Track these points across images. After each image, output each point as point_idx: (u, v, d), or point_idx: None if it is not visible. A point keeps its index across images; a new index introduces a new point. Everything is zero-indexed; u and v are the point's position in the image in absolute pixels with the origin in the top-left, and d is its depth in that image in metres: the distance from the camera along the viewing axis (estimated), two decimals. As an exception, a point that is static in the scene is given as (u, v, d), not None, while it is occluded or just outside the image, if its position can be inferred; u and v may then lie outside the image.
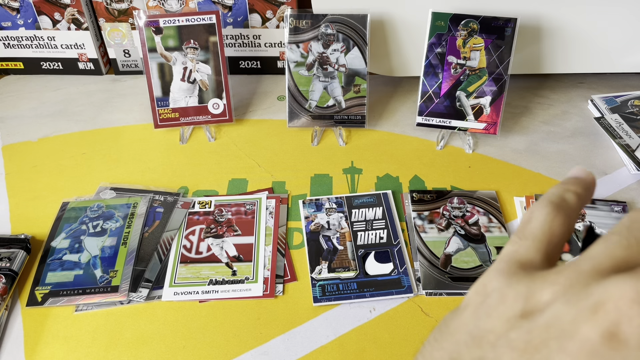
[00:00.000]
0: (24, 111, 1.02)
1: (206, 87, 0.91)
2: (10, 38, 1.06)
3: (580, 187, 0.25)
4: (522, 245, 0.22)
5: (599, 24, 0.89)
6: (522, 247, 0.22)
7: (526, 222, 0.23)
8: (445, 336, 0.21)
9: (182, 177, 0.85)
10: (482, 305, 0.21)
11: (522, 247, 0.22)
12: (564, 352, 0.17)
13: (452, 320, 0.22)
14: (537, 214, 0.23)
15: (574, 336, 0.17)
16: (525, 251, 0.22)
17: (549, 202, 0.23)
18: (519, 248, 0.22)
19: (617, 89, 1.01)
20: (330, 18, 0.87)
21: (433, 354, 0.21)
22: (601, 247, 0.20)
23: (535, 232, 0.23)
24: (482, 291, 0.22)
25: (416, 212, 0.76)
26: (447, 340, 0.21)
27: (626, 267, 0.19)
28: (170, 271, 0.70)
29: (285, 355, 0.61)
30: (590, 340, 0.17)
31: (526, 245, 0.22)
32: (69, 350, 0.62)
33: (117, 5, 1.01)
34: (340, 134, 0.91)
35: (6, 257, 0.69)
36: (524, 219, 0.23)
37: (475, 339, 0.20)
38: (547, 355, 0.17)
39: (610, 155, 0.87)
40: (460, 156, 0.87)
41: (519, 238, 0.23)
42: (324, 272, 0.69)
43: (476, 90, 0.87)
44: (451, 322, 0.22)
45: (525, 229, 0.23)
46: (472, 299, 0.22)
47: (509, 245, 0.23)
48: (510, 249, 0.23)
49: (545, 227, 0.23)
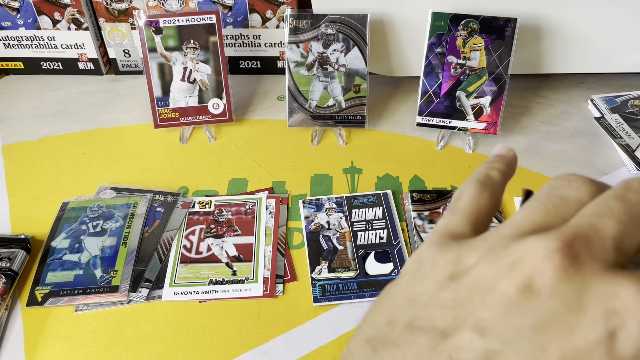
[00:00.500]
0: (24, 111, 1.02)
1: (206, 87, 0.91)
2: (10, 38, 1.06)
3: (503, 164, 0.27)
4: (452, 219, 0.25)
5: (599, 24, 0.89)
6: (452, 220, 0.24)
7: (456, 199, 0.25)
8: (384, 302, 0.23)
9: (182, 177, 0.85)
10: (416, 273, 0.23)
11: (453, 221, 0.24)
12: (486, 306, 0.19)
13: (390, 288, 0.24)
14: (466, 191, 0.25)
15: (494, 291, 0.19)
16: (455, 224, 0.24)
17: (476, 180, 0.26)
18: (449, 221, 0.24)
19: (617, 89, 1.01)
20: (330, 18, 0.87)
21: (372, 319, 0.23)
22: (521, 213, 0.22)
23: (465, 207, 0.25)
24: (417, 260, 0.23)
25: (416, 212, 0.76)
26: (384, 305, 0.23)
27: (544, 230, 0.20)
28: (170, 271, 0.70)
29: (285, 355, 0.61)
30: (508, 294, 0.18)
31: (456, 219, 0.24)
32: (69, 350, 0.62)
33: (117, 5, 1.01)
34: (340, 134, 0.91)
35: (6, 257, 0.69)
36: (455, 197, 0.26)
37: (410, 302, 0.21)
38: (471, 309, 0.19)
39: (610, 155, 0.87)
40: (460, 156, 0.87)
41: (450, 213, 0.25)
42: (324, 272, 0.69)
43: (476, 90, 0.87)
44: (389, 289, 0.24)
45: (455, 205, 0.25)
46: (408, 267, 0.24)
47: (441, 220, 0.25)
48: (442, 222, 0.25)
49: (473, 203, 0.25)
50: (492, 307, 0.19)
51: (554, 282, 0.18)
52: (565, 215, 0.21)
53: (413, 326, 0.20)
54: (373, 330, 0.22)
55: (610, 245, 0.19)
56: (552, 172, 0.84)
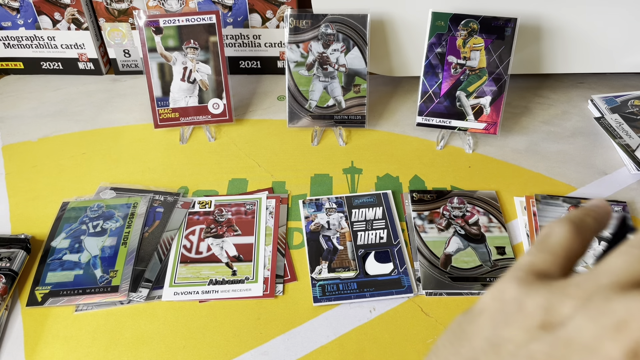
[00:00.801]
0: (24, 111, 1.02)
1: (206, 87, 0.91)
2: (10, 38, 1.06)
3: (599, 215, 0.25)
4: (539, 257, 0.23)
5: (599, 24, 0.89)
6: (539, 258, 0.23)
7: (545, 237, 0.24)
8: (462, 341, 0.21)
9: (182, 177, 0.85)
10: (499, 312, 0.21)
11: (540, 259, 0.23)
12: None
13: (467, 324, 0.22)
14: (558, 230, 0.23)
15: (597, 353, 0.17)
16: (542, 263, 0.22)
17: (569, 222, 0.24)
18: (536, 259, 0.23)
19: (617, 89, 1.01)
20: (330, 18, 0.87)
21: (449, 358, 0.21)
22: (620, 260, 0.20)
23: (554, 247, 0.23)
24: (499, 297, 0.21)
25: (416, 212, 0.76)
26: (463, 345, 0.21)
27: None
28: (170, 271, 0.70)
29: (285, 355, 0.61)
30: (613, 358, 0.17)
31: (543, 257, 0.23)
32: (69, 350, 0.62)
33: (117, 5, 1.01)
34: (340, 134, 0.91)
35: (6, 257, 0.69)
36: (543, 233, 0.24)
37: (494, 347, 0.20)
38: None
39: (610, 155, 0.87)
40: (460, 156, 0.87)
41: (538, 250, 0.23)
42: (324, 272, 0.69)
43: (476, 90, 0.87)
44: (467, 326, 0.22)
45: (544, 242, 0.23)
46: (489, 304, 0.22)
47: (527, 256, 0.23)
48: (528, 259, 0.23)
49: (565, 243, 0.23)
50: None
51: None
52: None
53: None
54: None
55: None
56: (552, 172, 0.84)
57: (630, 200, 0.78)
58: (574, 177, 0.83)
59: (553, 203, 0.77)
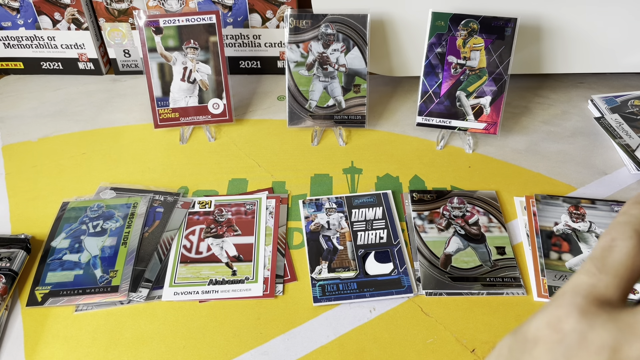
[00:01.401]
0: (24, 111, 1.02)
1: (206, 87, 0.91)
2: (10, 38, 1.06)
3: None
4: (602, 280, 0.20)
5: (599, 24, 0.89)
6: (601, 282, 0.20)
7: (607, 251, 0.21)
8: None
9: (182, 177, 0.85)
10: (559, 346, 0.19)
11: (602, 282, 0.20)
12: None
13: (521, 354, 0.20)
14: (621, 244, 0.21)
15: None
16: (604, 288, 0.20)
17: (634, 231, 0.21)
18: (598, 283, 0.20)
19: (617, 89, 1.01)
20: (330, 18, 0.87)
21: None
22: None
23: (618, 267, 0.20)
24: (556, 327, 0.20)
25: (416, 212, 0.76)
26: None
27: None
28: (170, 271, 0.70)
29: (285, 355, 0.61)
30: None
31: (607, 281, 0.20)
32: (69, 350, 0.62)
33: (117, 5, 1.01)
34: (340, 134, 0.91)
35: (6, 257, 0.69)
36: (604, 246, 0.21)
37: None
38: None
39: (610, 155, 0.87)
40: (460, 156, 0.87)
41: (599, 271, 0.21)
42: (324, 272, 0.69)
43: (476, 90, 0.87)
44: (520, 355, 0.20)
45: (606, 260, 0.21)
46: (544, 333, 0.20)
47: (586, 277, 0.21)
48: (587, 282, 0.21)
49: (629, 262, 0.20)
50: None
51: None
52: None
53: None
54: None
55: None
56: (552, 172, 0.84)
57: (630, 200, 0.78)
58: (574, 177, 0.83)
59: (553, 203, 0.77)
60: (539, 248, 0.71)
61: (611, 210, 0.75)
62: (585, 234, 0.72)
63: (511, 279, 0.68)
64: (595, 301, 0.20)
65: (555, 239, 0.72)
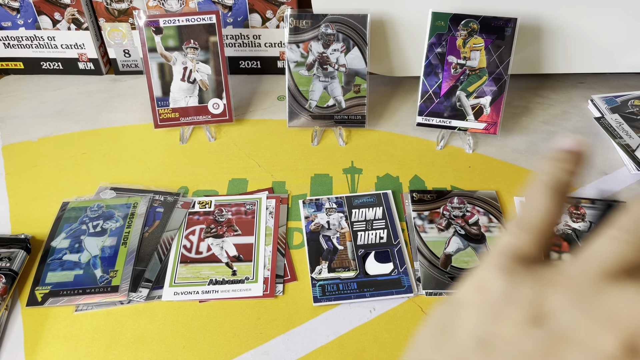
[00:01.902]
0: (24, 111, 1.02)
1: (206, 87, 0.91)
2: (10, 38, 1.06)
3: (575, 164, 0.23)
4: (521, 238, 0.21)
5: (599, 24, 0.89)
6: (521, 239, 0.21)
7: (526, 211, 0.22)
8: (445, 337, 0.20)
9: (182, 177, 0.85)
10: (484, 305, 0.20)
11: (522, 240, 0.21)
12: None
13: (449, 317, 0.21)
14: (538, 203, 0.22)
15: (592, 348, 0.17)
16: (524, 244, 0.21)
17: (547, 188, 0.22)
18: (518, 241, 0.21)
19: (617, 89, 1.01)
20: (330, 18, 0.87)
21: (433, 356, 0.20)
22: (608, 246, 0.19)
23: (536, 224, 0.22)
24: (481, 288, 0.20)
25: (416, 212, 0.76)
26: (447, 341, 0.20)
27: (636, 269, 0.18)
28: (170, 271, 0.70)
29: (285, 355, 0.61)
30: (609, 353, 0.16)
31: (526, 238, 0.21)
32: (69, 350, 0.62)
33: (117, 5, 1.01)
34: (340, 134, 0.91)
35: (6, 257, 0.69)
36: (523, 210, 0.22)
37: (482, 344, 0.19)
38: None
39: (610, 155, 0.87)
40: (460, 156, 0.87)
41: (519, 229, 0.22)
42: (324, 272, 0.69)
43: (476, 90, 0.87)
44: (449, 319, 0.21)
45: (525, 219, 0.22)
46: (472, 296, 0.20)
47: (507, 237, 0.22)
48: (508, 240, 0.22)
49: (545, 218, 0.22)
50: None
51: None
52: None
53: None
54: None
55: None
56: (552, 172, 0.84)
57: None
58: (574, 177, 0.83)
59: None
60: (539, 248, 0.71)
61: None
62: (586, 234, 0.72)
63: (511, 279, 0.68)
64: (516, 258, 0.20)
65: (555, 239, 0.72)
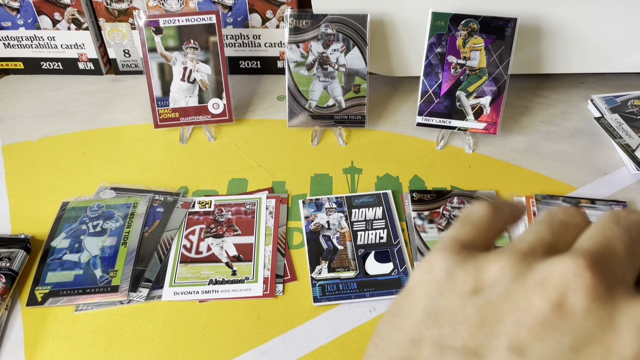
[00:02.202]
0: (24, 111, 1.02)
1: (206, 87, 0.91)
2: (10, 38, 1.06)
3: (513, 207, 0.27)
4: (463, 230, 0.24)
5: (599, 24, 0.89)
6: (463, 230, 0.24)
7: (467, 214, 0.25)
8: (400, 318, 0.22)
9: (182, 177, 0.85)
10: (432, 284, 0.22)
11: (464, 231, 0.24)
12: (520, 325, 0.18)
13: (402, 301, 0.23)
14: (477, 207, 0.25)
15: (527, 309, 0.19)
16: (466, 234, 0.24)
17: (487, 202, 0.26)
18: (460, 232, 0.24)
19: (617, 89, 1.01)
20: (330, 18, 0.87)
21: (391, 337, 0.21)
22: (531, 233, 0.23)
23: (476, 220, 0.25)
24: (429, 269, 0.22)
25: (416, 212, 0.76)
26: (402, 321, 0.22)
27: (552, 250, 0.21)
28: (170, 271, 0.70)
29: (285, 355, 0.61)
30: (542, 312, 0.18)
31: (467, 229, 0.24)
32: (69, 350, 0.62)
33: (117, 5, 1.01)
34: (340, 134, 0.91)
35: (6, 257, 0.69)
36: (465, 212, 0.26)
37: (432, 317, 0.21)
38: (503, 328, 0.19)
39: (610, 155, 0.87)
40: (460, 156, 0.87)
41: (461, 225, 0.25)
42: (324, 272, 0.69)
43: (476, 90, 0.87)
44: (402, 303, 0.22)
45: (466, 217, 0.25)
46: (420, 278, 0.22)
47: (452, 230, 0.25)
48: (453, 232, 0.24)
49: (485, 218, 0.25)
50: (527, 327, 0.18)
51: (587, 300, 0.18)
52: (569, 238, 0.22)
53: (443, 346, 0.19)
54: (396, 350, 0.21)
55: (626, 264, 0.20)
56: (552, 172, 0.84)
57: (630, 200, 0.78)
58: (574, 177, 0.83)
59: (553, 203, 0.77)
60: (539, 248, 0.71)
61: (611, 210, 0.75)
62: (585, 234, 0.72)
63: (511, 279, 0.68)
64: (459, 243, 0.23)
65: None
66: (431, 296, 0.21)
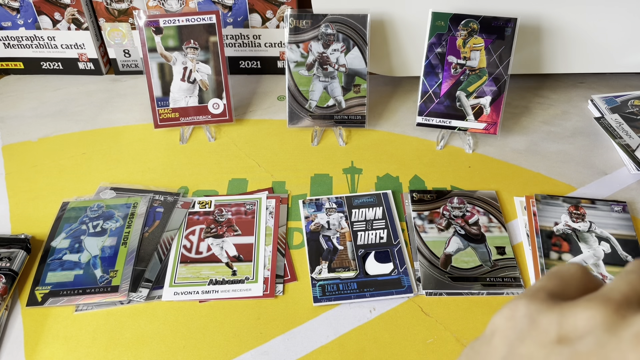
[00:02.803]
0: (24, 111, 1.02)
1: (206, 87, 0.91)
2: (10, 38, 1.06)
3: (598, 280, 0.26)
4: (550, 281, 0.23)
5: (599, 24, 0.89)
6: (550, 282, 0.23)
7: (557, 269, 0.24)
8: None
9: (182, 177, 0.85)
10: (512, 330, 0.21)
11: (551, 283, 0.23)
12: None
13: (480, 346, 0.22)
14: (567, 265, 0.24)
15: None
16: (553, 286, 0.23)
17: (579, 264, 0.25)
18: (547, 283, 0.23)
19: (617, 89, 1.01)
20: (330, 18, 0.87)
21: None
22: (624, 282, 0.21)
23: (565, 275, 0.23)
24: (510, 316, 0.21)
25: (416, 212, 0.76)
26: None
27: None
28: (170, 271, 0.70)
29: (285, 355, 0.61)
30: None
31: (555, 282, 0.23)
32: (69, 350, 0.62)
33: (117, 5, 1.01)
34: (340, 134, 0.91)
35: (6, 257, 0.69)
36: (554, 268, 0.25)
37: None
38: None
39: (610, 155, 0.87)
40: (460, 156, 0.87)
41: (548, 278, 0.23)
42: (324, 272, 0.69)
43: (476, 90, 0.87)
44: (480, 348, 0.22)
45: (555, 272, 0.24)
46: (500, 323, 0.22)
47: (538, 282, 0.24)
48: (539, 283, 0.23)
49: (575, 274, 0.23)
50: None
51: None
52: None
53: None
54: None
55: None
56: (552, 172, 0.84)
57: (631, 200, 0.78)
58: (574, 177, 0.83)
59: (553, 203, 0.77)
60: (539, 248, 0.71)
61: (611, 210, 0.75)
62: (585, 234, 0.72)
63: (511, 279, 0.68)
64: (544, 292, 0.22)
65: (555, 239, 0.72)
66: (512, 343, 0.20)
